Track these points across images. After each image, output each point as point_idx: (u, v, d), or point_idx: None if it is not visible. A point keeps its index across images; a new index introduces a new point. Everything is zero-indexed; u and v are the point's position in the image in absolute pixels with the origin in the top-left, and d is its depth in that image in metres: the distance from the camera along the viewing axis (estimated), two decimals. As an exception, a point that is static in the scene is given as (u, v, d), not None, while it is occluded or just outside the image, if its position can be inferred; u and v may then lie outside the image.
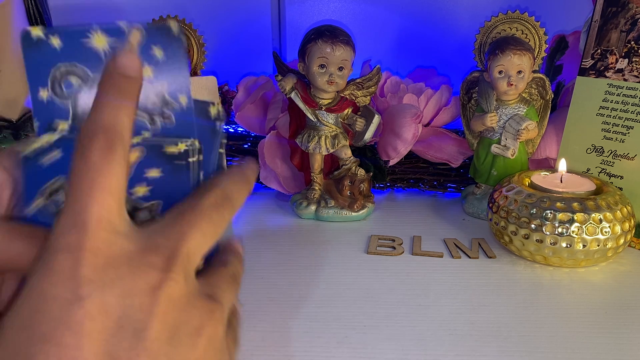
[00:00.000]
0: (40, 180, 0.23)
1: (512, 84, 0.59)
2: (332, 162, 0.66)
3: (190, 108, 0.24)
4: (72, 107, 0.23)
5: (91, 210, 0.21)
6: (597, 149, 0.59)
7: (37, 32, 0.22)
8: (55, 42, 0.23)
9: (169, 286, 0.21)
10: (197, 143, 0.24)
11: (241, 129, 0.72)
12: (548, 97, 0.62)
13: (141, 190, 0.24)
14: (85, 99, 0.23)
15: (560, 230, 0.49)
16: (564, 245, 0.50)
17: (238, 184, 0.25)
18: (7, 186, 0.25)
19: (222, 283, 0.25)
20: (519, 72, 0.59)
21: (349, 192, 0.62)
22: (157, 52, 0.24)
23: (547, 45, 0.63)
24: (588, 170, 0.60)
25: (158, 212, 0.24)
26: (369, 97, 0.63)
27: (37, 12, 0.71)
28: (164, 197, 0.24)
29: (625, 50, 0.57)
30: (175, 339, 0.21)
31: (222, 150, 0.26)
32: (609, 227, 0.49)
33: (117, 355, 0.20)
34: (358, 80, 0.62)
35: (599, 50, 0.59)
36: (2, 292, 0.25)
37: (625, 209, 0.51)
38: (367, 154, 0.70)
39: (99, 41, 0.23)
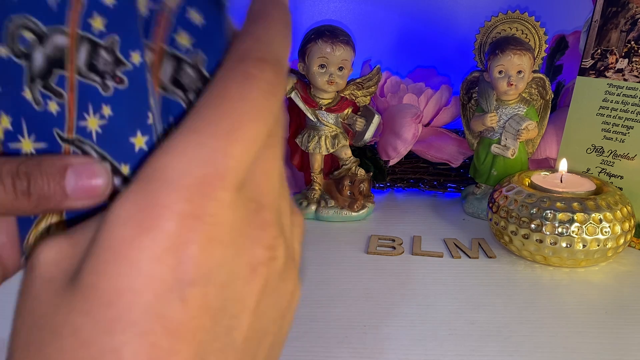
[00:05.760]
0: None
1: (512, 84, 0.59)
2: (332, 162, 0.66)
3: None
4: (28, 68, 0.19)
5: (224, 162, 0.16)
6: (597, 149, 0.59)
7: None
8: None
9: (267, 267, 0.17)
10: None
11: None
12: (548, 97, 0.62)
13: (184, 38, 0.20)
14: (39, 57, 0.20)
15: (560, 230, 0.49)
16: (564, 245, 0.49)
17: (276, 29, 0.19)
18: None
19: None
20: (519, 72, 0.59)
21: (349, 192, 0.62)
22: (195, 17, 0.20)
23: (547, 45, 0.63)
24: (588, 170, 0.60)
25: (204, 68, 0.20)
26: (369, 97, 0.63)
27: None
28: (207, 51, 0.20)
29: (625, 50, 0.57)
30: (262, 337, 0.18)
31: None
32: (609, 227, 0.49)
33: (207, 359, 0.16)
34: (358, 80, 0.62)
35: (599, 50, 0.59)
36: None
37: (625, 209, 0.51)
38: (367, 154, 0.70)
39: None
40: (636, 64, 0.57)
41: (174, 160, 0.15)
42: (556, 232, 0.49)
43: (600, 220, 0.49)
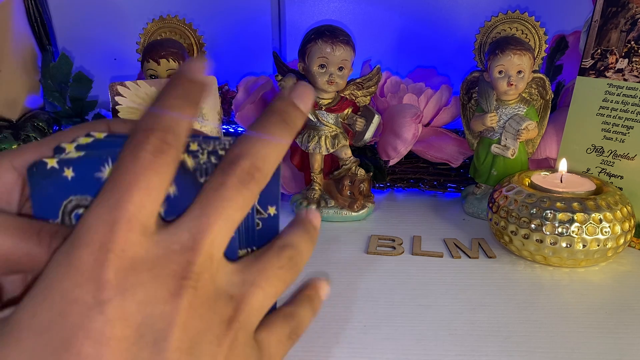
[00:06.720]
0: (51, 201, 0.22)
1: (512, 84, 0.59)
2: (332, 162, 0.66)
3: None
4: None
5: (125, 207, 0.20)
6: (597, 149, 0.59)
7: (52, 163, 0.21)
8: (69, 173, 0.22)
9: (188, 294, 0.21)
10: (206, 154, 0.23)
11: (241, 129, 0.72)
12: (548, 97, 0.62)
13: None
14: None
15: (560, 230, 0.49)
16: (564, 245, 0.50)
17: (264, 145, 0.23)
18: (17, 187, 0.24)
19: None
20: (519, 72, 0.59)
21: (349, 192, 0.62)
22: (170, 189, 0.23)
23: (547, 45, 0.63)
24: (588, 170, 0.60)
25: None
26: (369, 97, 0.63)
27: (37, 12, 0.71)
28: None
29: (625, 50, 0.57)
30: (196, 349, 0.21)
31: None
32: (609, 227, 0.49)
33: None
34: (358, 80, 0.62)
35: (599, 50, 0.59)
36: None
37: (625, 209, 0.51)
38: (367, 154, 0.70)
39: None
40: (636, 64, 0.57)
41: (90, 214, 0.20)
42: (556, 232, 0.49)
43: (600, 220, 0.49)
